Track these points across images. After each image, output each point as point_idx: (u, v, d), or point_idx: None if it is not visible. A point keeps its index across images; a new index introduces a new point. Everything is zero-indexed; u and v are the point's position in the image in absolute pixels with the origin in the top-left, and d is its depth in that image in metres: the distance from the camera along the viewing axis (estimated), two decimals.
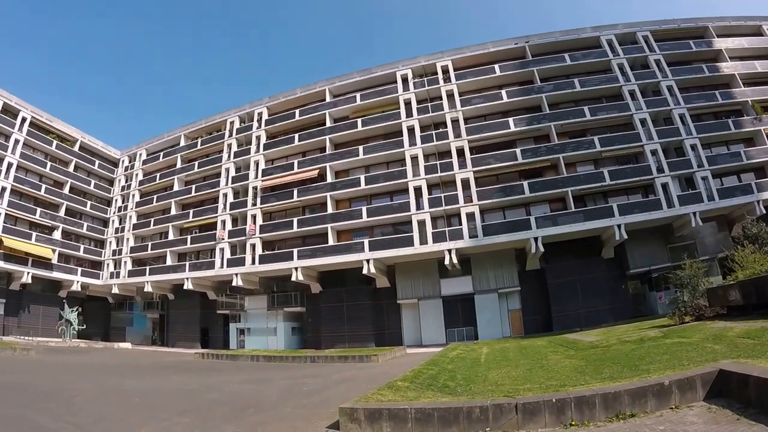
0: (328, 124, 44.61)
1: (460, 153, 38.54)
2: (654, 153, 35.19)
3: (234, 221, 46.05)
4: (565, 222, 34.34)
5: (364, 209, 40.00)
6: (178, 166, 53.03)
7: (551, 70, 40.22)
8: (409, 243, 37.24)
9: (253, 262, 42.67)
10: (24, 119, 49.54)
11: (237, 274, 42.54)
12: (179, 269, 47.44)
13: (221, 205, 46.91)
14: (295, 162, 44.45)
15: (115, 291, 52.88)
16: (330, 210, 41.35)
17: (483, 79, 41.30)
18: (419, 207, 38.05)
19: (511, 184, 36.99)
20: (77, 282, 52.14)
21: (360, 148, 42.11)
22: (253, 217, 44.23)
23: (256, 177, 45.62)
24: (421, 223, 37.44)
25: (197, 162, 51.50)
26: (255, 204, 44.64)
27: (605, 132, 37.30)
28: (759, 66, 38.95)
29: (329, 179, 42.39)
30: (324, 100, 46.19)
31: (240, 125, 49.69)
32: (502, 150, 38.26)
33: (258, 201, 44.62)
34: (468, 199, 36.82)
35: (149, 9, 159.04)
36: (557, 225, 34.47)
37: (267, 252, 42.86)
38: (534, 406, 7.53)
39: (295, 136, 45.43)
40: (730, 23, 41.46)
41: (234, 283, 42.90)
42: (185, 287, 46.25)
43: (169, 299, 51.59)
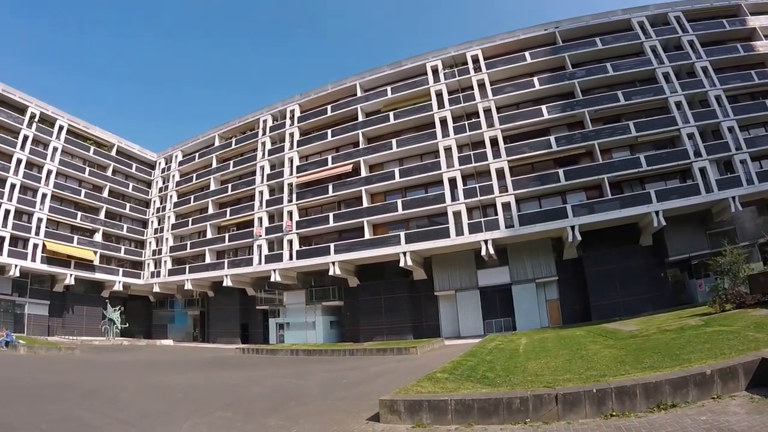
0: (360, 118, 45.54)
1: (493, 142, 38.72)
2: (691, 137, 34.73)
3: (270, 218, 47.67)
4: (602, 210, 34.26)
5: (399, 202, 40.82)
6: (213, 165, 55.05)
7: (582, 55, 39.88)
8: (445, 234, 37.87)
9: (291, 257, 44.07)
10: (61, 127, 52.34)
11: (275, 269, 44.05)
12: (218, 267, 49.35)
13: (257, 203, 48.53)
14: (329, 157, 45.67)
15: (156, 290, 55.46)
16: (365, 204, 42.44)
17: (514, 67, 41.28)
18: (454, 198, 38.59)
19: (546, 172, 36.98)
20: (119, 282, 54.87)
21: (393, 141, 42.90)
22: (290, 214, 45.61)
23: (291, 174, 47.05)
24: (457, 214, 37.98)
25: (232, 161, 53.43)
26: (291, 200, 46.01)
27: (640, 116, 36.90)
28: None
29: (363, 173, 43.42)
30: (355, 94, 47.07)
31: (273, 123, 51.17)
32: (535, 138, 38.33)
33: (294, 197, 45.94)
34: (503, 189, 37.07)
35: (174, 22, 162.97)
36: (594, 213, 34.41)
37: (304, 247, 44.18)
38: (574, 396, 7.58)
39: (328, 131, 46.64)
40: (763, 0, 40.39)
41: (272, 279, 44.41)
42: (224, 284, 48.13)
43: (209, 296, 53.78)
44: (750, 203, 33.64)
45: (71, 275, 50.09)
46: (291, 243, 44.52)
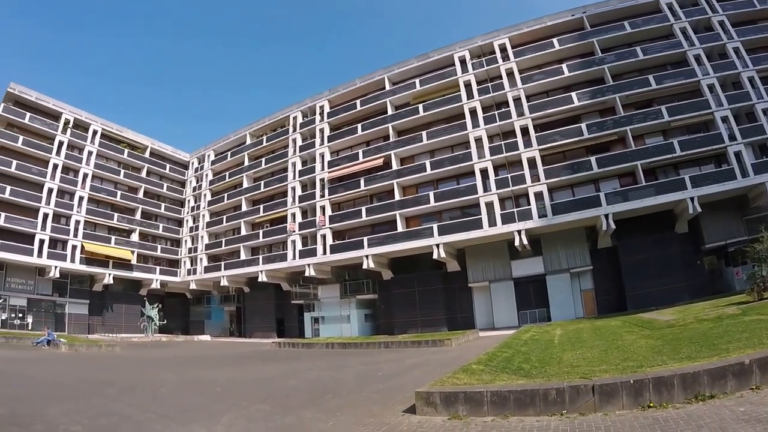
0: (389, 111, 46.29)
1: (524, 131, 38.77)
2: (725, 120, 33.84)
3: (304, 213, 49.13)
4: (636, 197, 33.89)
5: (431, 194, 41.32)
6: (245, 164, 57.01)
7: (611, 39, 39.41)
8: (478, 226, 38.22)
9: (325, 252, 45.44)
10: (95, 132, 55.04)
11: (309, 264, 45.52)
12: (253, 263, 51.18)
13: (290, 199, 50.13)
14: (360, 152, 46.63)
15: (193, 287, 57.96)
16: (397, 197, 43.23)
17: (542, 55, 41.18)
18: (486, 189, 38.89)
19: (579, 160, 36.81)
20: (156, 280, 57.38)
21: (423, 133, 43.37)
22: (322, 209, 46.99)
23: (322, 169, 48.39)
24: (489, 205, 38.34)
25: (264, 158, 55.29)
26: (323, 195, 47.38)
27: (672, 101, 36.14)
28: None
29: (395, 166, 44.34)
30: (383, 88, 47.86)
31: (303, 120, 52.61)
32: (566, 126, 38.17)
33: (326, 192, 47.26)
34: (535, 178, 37.19)
35: (200, 25, 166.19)
36: (628, 200, 34.04)
37: (337, 242, 45.41)
38: (611, 387, 7.60)
39: (358, 126, 47.61)
40: None
41: (307, 274, 45.88)
42: (260, 280, 49.93)
43: (245, 292, 55.77)
44: None
45: (110, 275, 52.79)
46: (324, 238, 45.81)
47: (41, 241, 47.32)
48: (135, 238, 56.79)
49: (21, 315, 46.39)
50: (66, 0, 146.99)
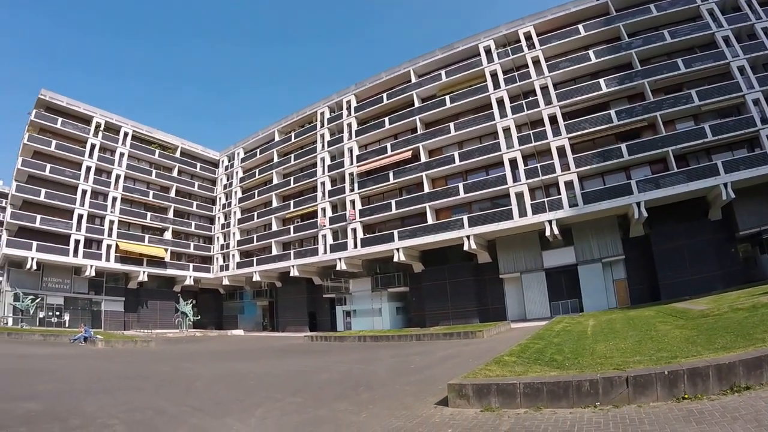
0: (416, 104, 46.99)
1: (552, 120, 38.81)
2: (756, 103, 32.95)
3: (334, 208, 50.52)
4: (668, 184, 33.56)
5: (460, 186, 41.83)
6: (275, 160, 58.81)
7: (637, 23, 38.93)
8: (508, 216, 38.55)
9: (355, 245, 46.65)
10: (126, 134, 57.48)
11: (340, 258, 46.68)
12: (285, 258, 52.83)
13: (320, 194, 51.55)
14: (388, 145, 47.51)
15: (226, 282, 60.06)
16: (426, 189, 43.88)
17: (568, 42, 40.99)
18: (516, 179, 39.14)
19: (609, 147, 36.64)
20: (189, 277, 59.59)
21: (451, 125, 43.78)
22: (352, 203, 48.19)
23: (351, 163, 49.60)
24: (519, 196, 38.62)
25: (293, 155, 56.82)
26: (353, 189, 48.58)
27: (702, 84, 35.42)
28: None
29: (423, 159, 44.96)
30: (409, 81, 48.51)
31: (330, 115, 53.92)
32: (595, 113, 37.89)
33: (355, 186, 48.43)
34: (565, 167, 37.29)
35: (224, 27, 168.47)
36: (660, 188, 33.72)
37: (368, 235, 46.55)
38: (645, 379, 7.58)
39: (385, 119, 48.50)
40: None
41: (338, 268, 47.19)
42: (291, 274, 51.62)
43: (277, 287, 57.74)
44: None
45: (144, 272, 55.28)
46: (355, 231, 46.98)
47: (77, 241, 49.76)
48: (168, 236, 58.99)
49: (58, 313, 48.91)
50: (98, 5, 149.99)
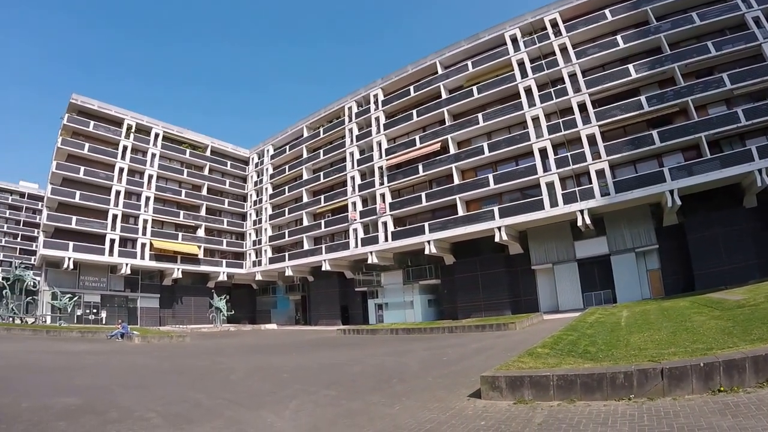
0: (443, 96, 47.36)
1: (582, 108, 38.51)
2: None
3: (364, 202, 51.49)
4: (701, 171, 32.77)
5: (490, 177, 41.98)
6: (304, 156, 60.16)
7: (665, 6, 37.88)
8: (539, 207, 38.59)
9: (386, 239, 47.51)
10: (157, 135, 59.57)
11: (371, 252, 47.74)
12: (316, 252, 54.21)
13: (350, 188, 52.69)
14: (417, 138, 48.11)
15: (259, 278, 61.97)
16: (456, 181, 44.29)
17: (595, 27, 40.32)
18: (546, 169, 39.09)
19: (640, 134, 35.98)
20: (223, 273, 61.64)
21: (479, 115, 43.88)
22: (382, 196, 49.10)
23: (380, 157, 50.47)
24: (550, 185, 38.58)
25: (322, 150, 58.16)
26: (382, 183, 49.42)
27: (734, 67, 34.26)
28: None
29: (452, 151, 45.21)
30: (436, 73, 48.86)
31: (358, 109, 54.90)
32: (625, 100, 37.34)
33: (385, 180, 49.22)
34: (596, 156, 36.97)
35: (254, 26, 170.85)
36: (693, 175, 32.98)
37: (399, 228, 47.28)
38: (680, 371, 7.52)
39: (413, 112, 48.99)
40: None
41: (369, 261, 48.20)
42: (323, 269, 52.90)
43: (309, 281, 59.19)
44: None
45: (178, 269, 57.32)
46: (385, 225, 47.84)
47: (112, 241, 52.02)
48: (201, 233, 60.92)
49: (95, 311, 51.43)
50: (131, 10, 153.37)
